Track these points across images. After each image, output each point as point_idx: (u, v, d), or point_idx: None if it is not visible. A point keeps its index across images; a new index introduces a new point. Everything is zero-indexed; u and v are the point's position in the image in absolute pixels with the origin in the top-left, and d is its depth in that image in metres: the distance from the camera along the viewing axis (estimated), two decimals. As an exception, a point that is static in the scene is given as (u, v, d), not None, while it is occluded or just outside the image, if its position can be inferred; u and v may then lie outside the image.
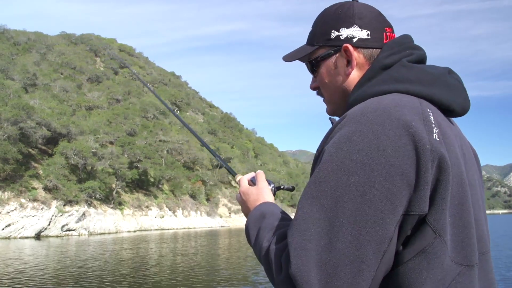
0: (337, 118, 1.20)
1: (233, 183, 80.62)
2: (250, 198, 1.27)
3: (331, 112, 1.21)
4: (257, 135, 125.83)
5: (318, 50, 1.15)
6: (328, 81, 1.15)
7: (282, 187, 1.42)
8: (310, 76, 1.22)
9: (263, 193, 1.26)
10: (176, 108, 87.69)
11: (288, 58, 1.24)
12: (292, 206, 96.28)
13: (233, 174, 1.55)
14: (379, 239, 0.84)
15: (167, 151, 63.87)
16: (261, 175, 1.33)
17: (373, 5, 1.18)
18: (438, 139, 0.91)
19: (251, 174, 1.39)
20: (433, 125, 0.93)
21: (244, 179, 1.37)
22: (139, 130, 62.45)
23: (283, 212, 1.14)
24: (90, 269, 15.71)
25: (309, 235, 0.87)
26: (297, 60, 1.24)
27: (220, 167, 78.12)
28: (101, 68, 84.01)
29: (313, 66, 1.18)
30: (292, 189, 1.44)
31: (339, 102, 1.15)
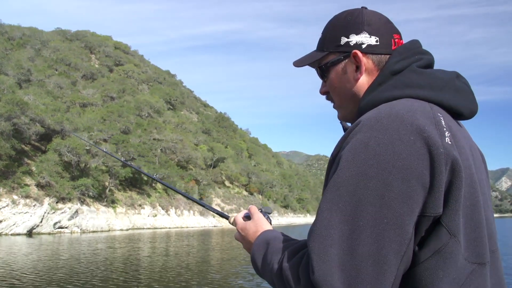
0: (348, 123, 1.27)
1: (227, 182, 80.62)
2: (249, 232, 1.26)
3: (341, 117, 1.24)
4: (251, 136, 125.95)
5: (328, 56, 1.18)
6: (338, 86, 1.18)
7: (260, 209, 1.39)
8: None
9: (261, 224, 1.26)
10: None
11: (299, 63, 1.26)
12: (285, 207, 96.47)
13: (226, 217, 1.54)
14: (399, 240, 0.87)
15: (161, 149, 63.75)
16: (253, 208, 1.34)
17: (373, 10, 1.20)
18: (450, 142, 0.94)
19: (243, 212, 1.38)
20: (444, 129, 0.96)
21: (238, 217, 1.37)
22: (133, 128, 62.29)
23: (285, 235, 1.17)
24: (78, 267, 15.66)
25: (330, 240, 0.89)
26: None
27: (214, 167, 78.14)
28: (96, 65, 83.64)
29: (323, 71, 1.21)
30: (269, 211, 1.41)
31: (349, 107, 1.18)
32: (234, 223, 1.39)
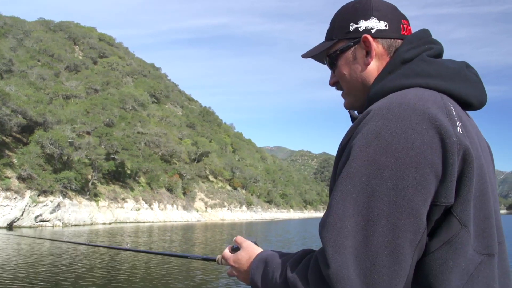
0: (356, 112, 1.28)
1: (210, 177, 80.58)
2: (242, 262, 1.22)
3: (349, 105, 1.23)
4: (235, 130, 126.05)
5: (337, 44, 1.19)
6: (347, 72, 1.18)
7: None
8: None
9: (252, 250, 1.23)
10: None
11: (308, 54, 1.27)
12: (268, 202, 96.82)
13: (213, 259, 1.48)
14: (414, 229, 0.87)
15: (145, 143, 63.47)
16: (240, 238, 1.30)
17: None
18: (462, 132, 0.94)
19: (228, 247, 1.34)
20: (456, 118, 0.95)
21: (226, 252, 1.32)
22: (117, 121, 61.81)
23: (279, 252, 1.17)
24: (56, 262, 15.59)
25: (345, 232, 0.88)
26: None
27: (198, 161, 78.01)
28: (80, 57, 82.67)
29: (332, 59, 1.21)
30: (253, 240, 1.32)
31: (358, 94, 1.18)
32: (222, 261, 1.35)
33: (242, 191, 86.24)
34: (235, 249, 1.29)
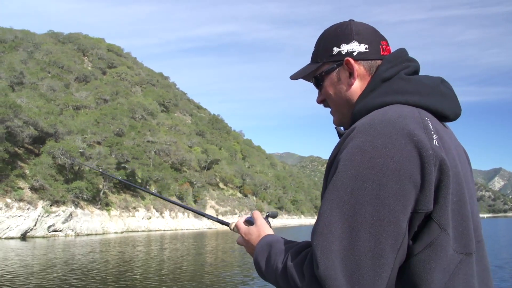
0: (342, 128, 1.36)
1: (221, 184, 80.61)
2: (252, 237, 1.34)
3: (337, 122, 1.32)
4: (244, 137, 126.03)
5: (322, 66, 1.27)
6: (333, 93, 1.26)
7: (267, 214, 1.48)
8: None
9: (263, 229, 1.34)
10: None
11: (295, 76, 1.35)
12: (279, 208, 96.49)
13: (226, 224, 1.60)
14: (395, 236, 0.96)
15: (155, 152, 63.71)
16: (257, 214, 1.42)
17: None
18: (438, 144, 1.03)
19: (244, 217, 1.46)
20: (432, 132, 1.04)
21: (240, 222, 1.44)
22: (127, 130, 62.18)
23: (285, 239, 1.26)
24: (72, 271, 15.67)
25: (331, 237, 0.97)
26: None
27: (208, 169, 78.11)
28: (89, 68, 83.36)
29: (318, 80, 1.29)
30: (275, 215, 1.49)
31: (345, 111, 1.26)
32: (235, 229, 1.46)
33: (253, 198, 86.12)
34: (249, 221, 1.41)
